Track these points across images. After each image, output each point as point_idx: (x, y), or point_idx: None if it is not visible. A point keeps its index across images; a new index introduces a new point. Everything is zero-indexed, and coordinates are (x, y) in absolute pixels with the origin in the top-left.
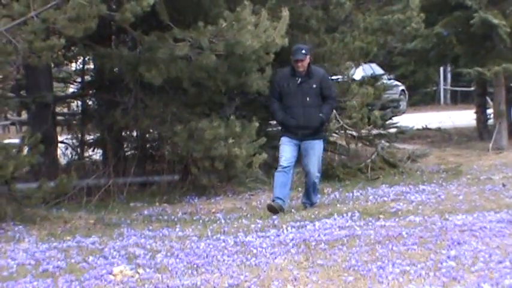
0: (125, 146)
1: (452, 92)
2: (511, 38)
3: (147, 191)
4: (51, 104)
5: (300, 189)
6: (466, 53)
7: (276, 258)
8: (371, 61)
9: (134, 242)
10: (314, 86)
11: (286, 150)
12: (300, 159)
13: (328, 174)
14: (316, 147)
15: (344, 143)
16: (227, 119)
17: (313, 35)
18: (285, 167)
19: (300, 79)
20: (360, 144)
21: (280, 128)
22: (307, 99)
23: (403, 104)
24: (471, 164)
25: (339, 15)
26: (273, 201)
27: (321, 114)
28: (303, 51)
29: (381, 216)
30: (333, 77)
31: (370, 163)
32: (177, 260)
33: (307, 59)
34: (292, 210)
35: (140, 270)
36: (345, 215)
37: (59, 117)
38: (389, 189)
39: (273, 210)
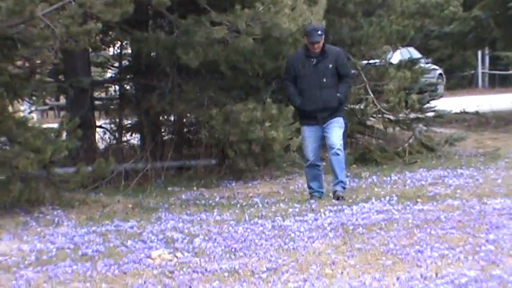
0: (162, 130)
1: (490, 75)
2: None
3: (184, 175)
4: (89, 89)
5: None
6: (504, 36)
7: (313, 242)
8: (408, 45)
9: (172, 226)
10: (330, 66)
11: (309, 141)
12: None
13: (365, 158)
14: (335, 122)
15: (381, 126)
16: (264, 103)
17: (350, 18)
18: (312, 161)
19: (315, 60)
20: (397, 128)
21: (298, 113)
22: (324, 80)
23: (440, 88)
24: (509, 148)
25: None
26: (310, 194)
27: (338, 94)
28: (319, 33)
29: (419, 200)
30: (371, 61)
31: (408, 147)
32: (215, 244)
33: (323, 39)
34: (330, 194)
35: (178, 254)
36: (382, 199)
37: (97, 102)
38: (427, 173)
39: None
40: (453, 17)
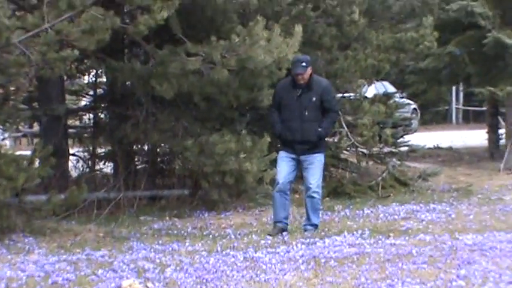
0: (135, 159)
1: (464, 111)
2: None
3: (157, 205)
4: (63, 117)
5: None
6: (478, 73)
7: (285, 274)
8: (383, 79)
9: (143, 255)
10: (314, 99)
11: (283, 165)
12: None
13: (338, 191)
14: (315, 161)
15: (355, 160)
16: (238, 134)
17: (326, 51)
18: (282, 185)
19: (299, 91)
20: (370, 162)
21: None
22: (306, 113)
23: (414, 123)
24: (482, 184)
25: (352, 32)
26: (274, 224)
27: (319, 129)
28: (303, 64)
29: (391, 234)
30: (345, 94)
31: (381, 181)
32: (186, 274)
33: (308, 71)
34: (296, 225)
35: (149, 284)
36: (355, 232)
37: (71, 130)
38: (399, 208)
39: (275, 235)
40: (428, 53)
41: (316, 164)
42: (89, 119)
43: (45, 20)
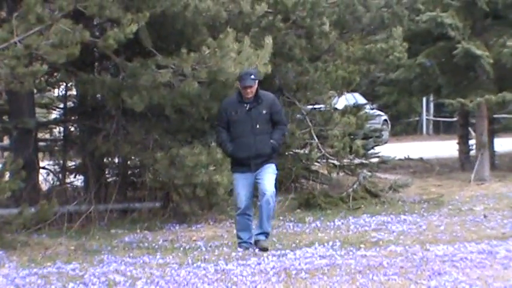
0: (106, 172)
1: (434, 122)
2: (493, 69)
3: (128, 217)
4: (33, 130)
5: (281, 217)
6: (448, 84)
7: (256, 286)
8: (354, 90)
9: (114, 268)
10: (264, 111)
11: (241, 189)
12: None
13: (309, 202)
14: (269, 169)
15: (326, 171)
16: (209, 147)
17: (296, 63)
18: (244, 209)
19: (248, 105)
20: (341, 174)
21: (231, 160)
22: (258, 126)
23: (385, 134)
24: (453, 195)
25: (322, 44)
26: (239, 244)
27: (272, 141)
28: (252, 77)
29: (362, 245)
30: (316, 106)
31: (352, 192)
32: (158, 287)
33: (256, 84)
34: (273, 239)
35: None
36: (326, 244)
37: (41, 143)
38: (370, 219)
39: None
40: (398, 64)
41: (270, 170)
42: (60, 132)
43: (14, 33)
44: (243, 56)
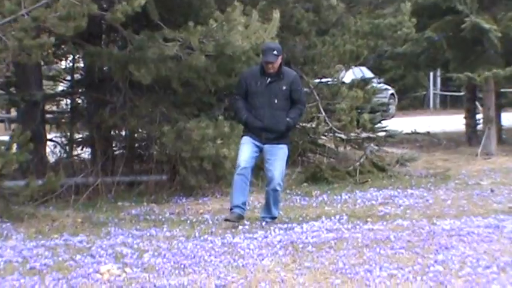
0: (113, 145)
1: (441, 96)
2: (501, 43)
3: (134, 190)
4: (41, 102)
5: (288, 191)
6: (456, 58)
7: (263, 259)
8: (361, 64)
9: (121, 241)
10: (284, 87)
11: (246, 150)
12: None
13: (316, 176)
14: (280, 152)
15: (333, 145)
16: (216, 120)
17: (304, 37)
18: (243, 168)
19: (269, 79)
20: (348, 147)
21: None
22: (275, 100)
23: (392, 108)
24: (459, 169)
25: (330, 18)
26: (231, 209)
27: (288, 119)
28: (275, 52)
29: (369, 219)
30: (323, 80)
31: (359, 166)
32: (164, 259)
33: (279, 60)
34: (280, 212)
35: (127, 270)
36: (332, 217)
37: (48, 115)
38: (377, 193)
39: (231, 221)
40: (406, 38)
41: (280, 155)
42: (67, 105)
43: (21, 5)
44: (250, 29)
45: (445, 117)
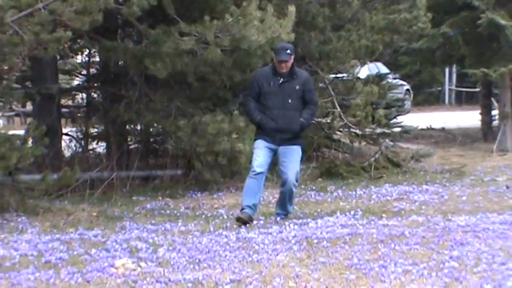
0: (128, 139)
1: (457, 92)
2: None
3: (150, 185)
4: (56, 96)
5: (302, 186)
6: (472, 54)
7: (277, 255)
8: (376, 60)
9: (136, 235)
10: (297, 87)
11: (260, 154)
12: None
13: (331, 172)
14: (294, 153)
15: (348, 141)
16: (231, 114)
17: (319, 32)
18: (257, 174)
19: (282, 79)
20: (363, 143)
21: (256, 129)
22: (289, 100)
23: (407, 104)
24: (475, 165)
25: (345, 13)
26: (242, 209)
27: (301, 119)
28: (288, 51)
29: (384, 215)
30: (338, 75)
31: (374, 162)
32: (179, 254)
33: (292, 59)
34: (295, 207)
35: (142, 264)
36: (347, 213)
37: (64, 110)
38: (392, 189)
39: (242, 221)
40: (422, 34)
41: (294, 157)
42: (82, 99)
43: None
44: (266, 24)
45: (460, 113)
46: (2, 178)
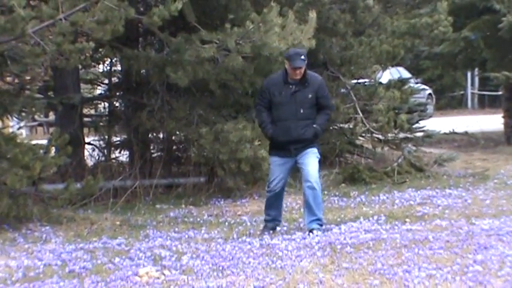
0: (151, 147)
1: (479, 96)
2: None
3: (173, 193)
4: (78, 106)
5: (325, 192)
6: (493, 57)
7: (301, 261)
8: (398, 64)
9: (160, 243)
10: (310, 96)
11: (276, 171)
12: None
13: (354, 177)
14: (311, 153)
15: (370, 146)
16: (253, 121)
17: (340, 38)
18: (276, 187)
19: (294, 87)
20: (386, 148)
21: (270, 143)
22: (301, 110)
23: (430, 108)
24: (498, 169)
25: (366, 18)
26: (265, 220)
27: (315, 125)
28: (302, 57)
29: (407, 220)
30: (360, 80)
31: (397, 167)
32: (203, 262)
33: (305, 65)
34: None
35: (166, 272)
36: (371, 218)
37: (86, 119)
38: (415, 193)
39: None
40: (443, 38)
41: (312, 155)
42: (104, 108)
43: (59, 10)
44: (287, 30)
45: (483, 116)
46: (26, 188)
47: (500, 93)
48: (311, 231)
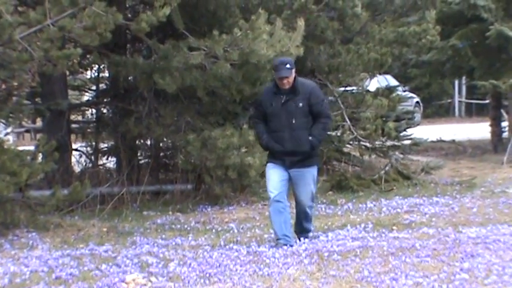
0: (138, 154)
1: (467, 104)
2: None
3: (160, 199)
4: (66, 112)
5: (318, 195)
6: (481, 66)
7: (288, 268)
8: (386, 72)
9: (147, 250)
10: (301, 104)
11: (273, 176)
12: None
13: (341, 185)
14: (307, 176)
15: (358, 154)
16: (241, 129)
17: (328, 45)
18: (275, 197)
19: (284, 97)
20: (373, 156)
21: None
22: (293, 121)
23: (417, 116)
24: (485, 177)
25: (354, 26)
26: (277, 239)
27: (310, 137)
28: (288, 66)
29: (394, 227)
30: (348, 88)
31: (384, 174)
32: (190, 269)
33: (293, 74)
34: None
35: (153, 279)
36: (358, 226)
37: (74, 125)
38: (402, 201)
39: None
40: (431, 46)
41: (307, 180)
42: (92, 114)
43: (47, 16)
44: (275, 38)
45: (470, 125)
46: (13, 194)
47: (487, 101)
48: (299, 238)
